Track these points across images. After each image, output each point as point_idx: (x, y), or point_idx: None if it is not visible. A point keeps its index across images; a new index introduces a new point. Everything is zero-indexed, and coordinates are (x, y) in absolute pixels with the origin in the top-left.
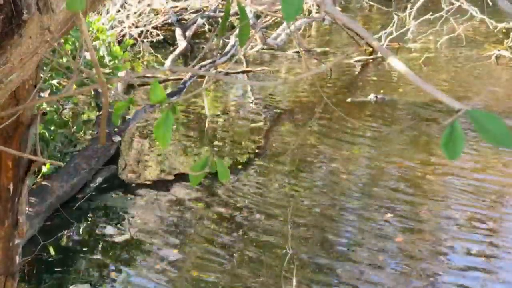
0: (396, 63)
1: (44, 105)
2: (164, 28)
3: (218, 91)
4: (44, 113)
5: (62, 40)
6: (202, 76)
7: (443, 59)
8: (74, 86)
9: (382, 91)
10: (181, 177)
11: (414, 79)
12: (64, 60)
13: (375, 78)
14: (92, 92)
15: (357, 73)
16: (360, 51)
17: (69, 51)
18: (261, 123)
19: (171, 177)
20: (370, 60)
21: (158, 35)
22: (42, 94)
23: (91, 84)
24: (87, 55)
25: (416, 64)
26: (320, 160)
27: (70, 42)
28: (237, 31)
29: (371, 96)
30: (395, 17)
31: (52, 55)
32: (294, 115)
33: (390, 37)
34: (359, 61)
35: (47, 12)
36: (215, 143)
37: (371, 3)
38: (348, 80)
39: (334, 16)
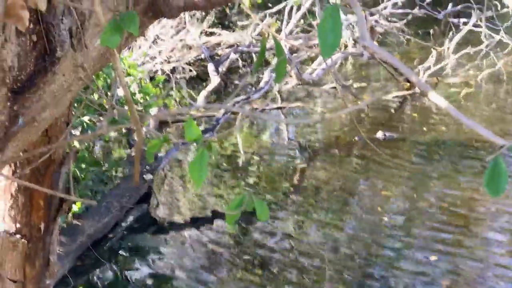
0: (436, 98)
1: (76, 143)
2: (196, 63)
3: (253, 128)
4: (77, 152)
5: (94, 77)
6: (236, 112)
7: (483, 94)
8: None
9: (425, 128)
10: (214, 216)
11: (455, 114)
12: (96, 96)
13: (414, 114)
14: (123, 129)
15: (394, 109)
16: (398, 86)
17: (101, 88)
18: (296, 161)
19: (203, 216)
20: (408, 96)
21: (190, 70)
22: (72, 132)
23: (122, 121)
24: (118, 92)
25: (456, 99)
26: (358, 198)
27: (102, 79)
28: (271, 66)
29: (379, 134)
30: (433, 51)
31: (85, 92)
32: (330, 152)
33: (428, 71)
34: (397, 96)
35: (81, 49)
36: (250, 181)
37: (408, 37)
38: (385, 116)
39: (373, 50)
